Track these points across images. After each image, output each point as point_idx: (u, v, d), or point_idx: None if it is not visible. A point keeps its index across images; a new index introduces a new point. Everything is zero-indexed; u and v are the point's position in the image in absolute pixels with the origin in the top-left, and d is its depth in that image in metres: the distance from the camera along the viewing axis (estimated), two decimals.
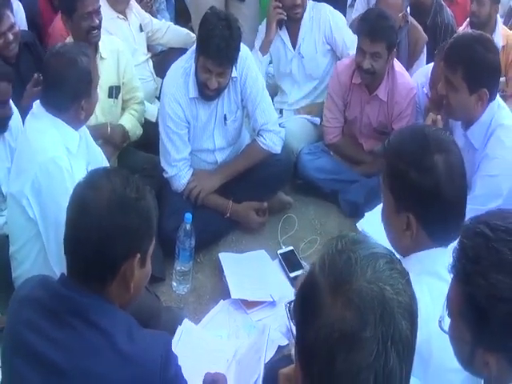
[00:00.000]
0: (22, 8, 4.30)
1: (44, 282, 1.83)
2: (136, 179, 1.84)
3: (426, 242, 1.96)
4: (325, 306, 1.21)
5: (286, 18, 4.29)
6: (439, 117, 3.20)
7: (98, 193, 1.74)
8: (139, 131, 3.92)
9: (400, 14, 4.25)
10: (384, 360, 1.18)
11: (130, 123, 3.84)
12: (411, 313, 1.25)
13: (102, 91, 3.45)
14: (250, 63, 3.61)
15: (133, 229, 1.74)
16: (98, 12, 3.68)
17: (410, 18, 4.44)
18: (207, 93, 3.45)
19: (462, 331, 1.48)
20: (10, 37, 3.65)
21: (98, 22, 3.65)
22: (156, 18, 4.90)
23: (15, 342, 1.76)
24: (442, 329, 1.56)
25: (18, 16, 4.12)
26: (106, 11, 4.19)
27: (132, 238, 1.75)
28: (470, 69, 2.92)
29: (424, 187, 1.93)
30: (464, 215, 1.99)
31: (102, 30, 3.74)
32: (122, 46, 3.91)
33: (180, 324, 2.98)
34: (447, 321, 1.56)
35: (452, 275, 1.51)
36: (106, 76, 3.57)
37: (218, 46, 3.24)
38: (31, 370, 1.71)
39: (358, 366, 1.17)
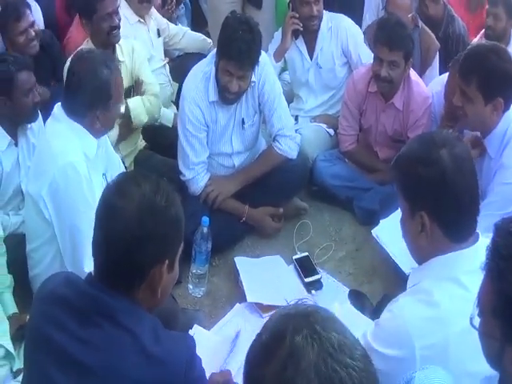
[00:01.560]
0: (39, 9, 4.35)
1: (70, 280, 1.83)
2: (165, 185, 1.83)
3: (442, 241, 1.99)
4: None
5: (301, 28, 4.31)
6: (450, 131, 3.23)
7: (128, 199, 1.74)
8: (144, 117, 3.89)
9: (409, 15, 4.27)
10: None
11: (135, 103, 3.83)
12: None
13: None
14: (268, 69, 3.64)
15: (162, 236, 1.74)
16: (117, 12, 3.73)
17: (421, 24, 4.46)
18: (227, 96, 3.47)
19: (493, 328, 1.50)
20: (32, 33, 3.70)
21: (117, 21, 3.71)
22: (175, 23, 4.95)
23: (40, 340, 1.77)
24: (473, 326, 1.58)
25: (36, 16, 4.16)
26: (129, 16, 4.27)
27: (161, 245, 1.75)
28: (484, 78, 2.94)
29: (432, 180, 1.97)
30: (477, 210, 2.03)
31: (122, 34, 3.79)
32: (136, 45, 3.95)
33: (191, 327, 2.98)
34: (477, 319, 1.58)
35: (484, 273, 1.53)
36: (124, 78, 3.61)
37: (240, 49, 3.27)
38: (57, 368, 1.72)
39: None
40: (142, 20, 4.37)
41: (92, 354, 1.70)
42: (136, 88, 3.94)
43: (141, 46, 4.02)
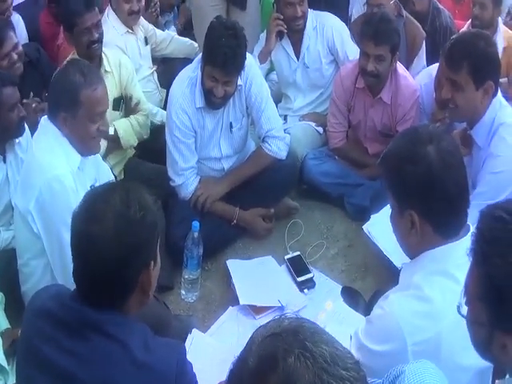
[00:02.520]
0: (21, 21, 4.35)
1: (58, 294, 1.84)
2: (134, 190, 1.81)
3: (433, 237, 2.00)
4: None
5: (285, 30, 4.31)
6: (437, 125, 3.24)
7: (102, 224, 1.71)
8: (134, 141, 3.90)
9: (391, 2, 4.27)
10: None
11: (124, 127, 3.84)
12: None
13: None
14: (254, 71, 3.65)
15: (144, 244, 1.76)
16: (97, 26, 3.75)
17: (406, 14, 4.45)
18: (213, 100, 3.47)
19: (480, 314, 1.51)
20: (15, 57, 3.71)
21: (97, 35, 3.73)
22: (162, 29, 4.94)
23: (30, 354, 1.79)
24: (460, 314, 1.58)
25: (19, 28, 4.21)
26: (118, 27, 4.29)
27: (145, 253, 1.77)
28: (474, 63, 2.97)
29: (419, 179, 1.98)
30: (467, 204, 2.03)
31: (111, 45, 3.85)
32: (123, 59, 3.96)
33: (190, 332, 3.00)
34: (465, 308, 1.59)
35: (470, 259, 1.54)
36: (110, 88, 3.60)
37: (225, 56, 3.27)
38: (48, 381, 1.74)
39: None
40: (130, 30, 4.38)
41: (83, 366, 1.71)
42: (126, 104, 3.95)
43: (127, 60, 4.02)
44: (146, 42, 4.53)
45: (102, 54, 3.83)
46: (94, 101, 2.81)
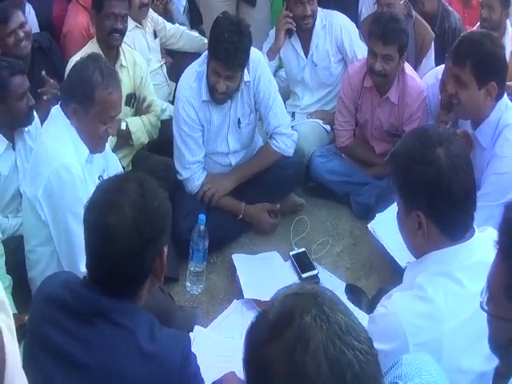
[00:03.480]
0: (32, 11, 4.37)
1: (67, 281, 1.87)
2: (148, 180, 1.85)
3: (439, 239, 1.99)
4: None
5: (295, 28, 4.32)
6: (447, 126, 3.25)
7: (120, 214, 1.74)
8: (145, 139, 3.93)
9: (401, 2, 4.28)
10: None
11: (137, 126, 3.87)
12: None
13: None
14: (263, 67, 3.66)
15: (160, 232, 1.80)
16: (123, 17, 3.79)
17: (415, 14, 4.46)
18: (216, 96, 3.49)
19: (506, 310, 1.46)
20: (21, 34, 3.71)
21: (121, 26, 3.76)
22: (172, 22, 4.91)
23: (39, 339, 1.81)
24: (483, 309, 1.51)
25: (29, 18, 4.18)
26: None
27: (160, 240, 1.81)
28: (478, 62, 2.97)
29: (428, 181, 1.97)
30: (474, 207, 2.02)
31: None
32: (138, 58, 3.99)
33: (194, 323, 3.03)
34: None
35: (495, 252, 1.49)
36: (124, 83, 3.59)
37: (226, 50, 3.29)
38: (55, 366, 1.76)
39: None
40: (138, 25, 4.38)
41: (89, 352, 1.74)
42: (138, 104, 3.97)
43: (142, 60, 4.03)
44: (155, 35, 4.53)
45: (120, 49, 3.86)
46: (108, 104, 2.80)
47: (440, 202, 1.97)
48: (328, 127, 4.37)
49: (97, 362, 1.73)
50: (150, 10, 4.55)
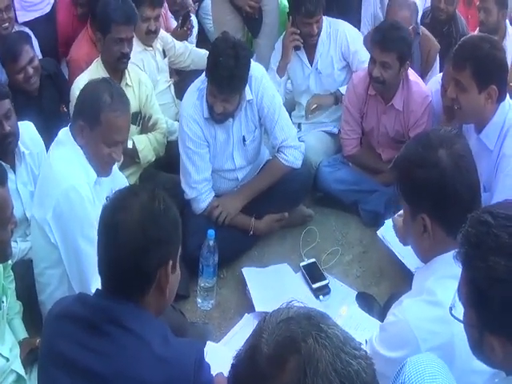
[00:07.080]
0: (33, 37, 4.38)
1: (81, 298, 1.91)
2: (160, 191, 1.91)
3: (446, 241, 2.00)
4: None
5: (302, 44, 4.34)
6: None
7: (128, 212, 1.81)
8: (152, 157, 3.93)
9: (410, 28, 4.27)
10: None
11: (143, 144, 3.87)
12: None
13: None
14: (265, 83, 3.65)
15: (165, 239, 1.83)
16: (130, 41, 3.78)
17: (422, 29, 4.47)
18: (214, 116, 3.50)
19: (471, 316, 1.53)
20: (30, 71, 3.75)
21: (128, 50, 3.76)
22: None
23: (53, 358, 1.84)
24: (452, 315, 1.62)
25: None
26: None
27: (165, 247, 1.84)
28: (477, 65, 2.97)
29: (432, 183, 1.98)
30: (480, 205, 2.03)
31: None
32: (143, 77, 4.00)
33: (207, 339, 3.01)
34: (459, 310, 1.61)
35: (458, 263, 1.57)
36: (130, 102, 3.63)
37: (221, 76, 3.29)
38: (71, 381, 1.78)
39: None
40: (147, 48, 4.35)
41: (103, 362, 1.76)
42: (144, 122, 3.97)
43: (147, 78, 4.04)
44: (164, 55, 4.51)
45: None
46: (113, 126, 2.80)
47: (444, 203, 1.98)
48: (336, 130, 4.39)
49: (112, 370, 1.75)
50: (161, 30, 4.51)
